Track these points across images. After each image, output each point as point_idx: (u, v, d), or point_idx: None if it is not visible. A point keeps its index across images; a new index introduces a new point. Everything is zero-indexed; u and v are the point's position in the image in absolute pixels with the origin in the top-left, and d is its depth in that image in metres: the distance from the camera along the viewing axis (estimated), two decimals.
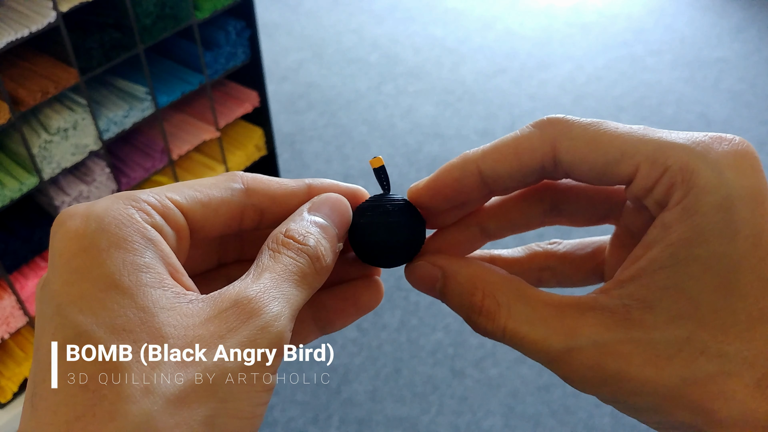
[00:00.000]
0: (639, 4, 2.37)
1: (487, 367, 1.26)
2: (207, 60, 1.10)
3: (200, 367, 0.18)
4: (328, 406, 1.20)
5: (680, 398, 0.20)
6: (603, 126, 0.21)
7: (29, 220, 0.97)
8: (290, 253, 0.21)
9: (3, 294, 0.94)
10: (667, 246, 0.20)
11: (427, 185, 0.25)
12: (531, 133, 0.22)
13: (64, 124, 0.92)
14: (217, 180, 0.23)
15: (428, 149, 1.75)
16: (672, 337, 0.20)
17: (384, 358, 1.28)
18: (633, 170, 0.21)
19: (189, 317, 0.19)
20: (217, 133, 1.17)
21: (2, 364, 1.02)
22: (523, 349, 0.22)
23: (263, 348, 0.19)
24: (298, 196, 0.24)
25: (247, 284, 0.20)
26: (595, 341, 0.21)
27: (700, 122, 1.83)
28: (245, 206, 0.23)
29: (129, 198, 0.20)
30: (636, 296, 0.21)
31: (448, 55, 2.13)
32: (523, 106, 1.91)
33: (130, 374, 0.17)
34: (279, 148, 1.73)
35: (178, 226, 0.21)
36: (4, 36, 0.82)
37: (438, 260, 0.25)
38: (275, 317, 0.19)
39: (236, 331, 0.19)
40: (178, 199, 0.22)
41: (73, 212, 0.20)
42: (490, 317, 0.23)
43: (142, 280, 0.19)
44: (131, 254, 0.19)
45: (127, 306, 0.18)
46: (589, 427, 1.17)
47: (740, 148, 0.20)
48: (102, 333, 0.18)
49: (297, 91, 1.98)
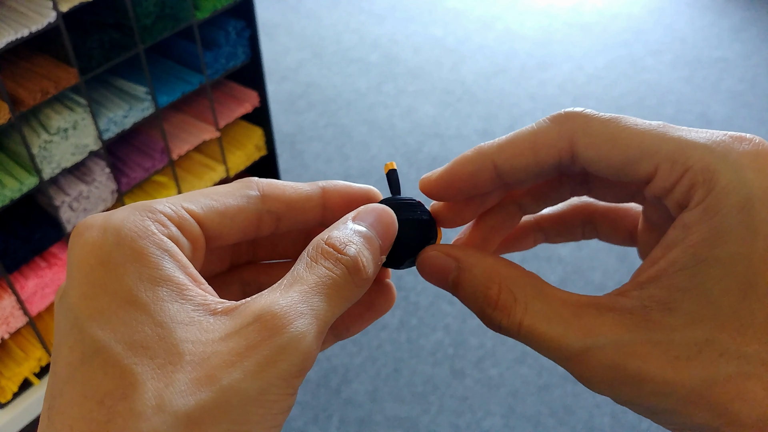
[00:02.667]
0: (639, 4, 2.37)
1: (487, 367, 1.26)
2: (207, 60, 1.10)
3: (215, 386, 0.17)
4: (328, 406, 1.20)
5: (700, 399, 0.20)
6: (622, 122, 0.21)
7: (29, 220, 0.97)
8: (327, 263, 0.20)
9: (3, 294, 0.94)
10: (687, 247, 0.20)
11: (440, 177, 0.24)
12: (548, 127, 0.22)
13: (64, 124, 0.92)
14: (233, 188, 0.23)
15: (428, 149, 1.75)
16: (691, 339, 0.20)
17: (384, 358, 1.28)
18: (653, 170, 0.21)
19: (208, 332, 0.18)
20: (217, 133, 1.17)
21: (2, 364, 1.02)
22: (538, 347, 0.22)
23: (284, 369, 0.18)
24: (313, 199, 0.24)
25: (274, 297, 0.19)
26: (614, 341, 0.21)
27: (699, 122, 1.83)
28: (261, 213, 0.23)
29: (146, 209, 0.20)
30: (656, 298, 0.21)
31: (448, 55, 2.13)
32: (523, 106, 1.91)
33: (144, 391, 0.17)
34: (279, 148, 1.73)
35: (193, 236, 0.21)
36: (4, 36, 0.82)
37: (453, 251, 0.24)
38: (300, 336, 0.18)
39: (256, 350, 0.18)
40: (194, 208, 0.21)
41: (91, 224, 0.20)
42: (505, 312, 0.22)
43: (159, 294, 0.18)
44: (148, 268, 0.19)
45: (144, 322, 0.18)
46: (589, 427, 1.17)
47: (761, 148, 0.20)
48: (119, 349, 0.17)
49: (297, 91, 1.98)
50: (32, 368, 1.03)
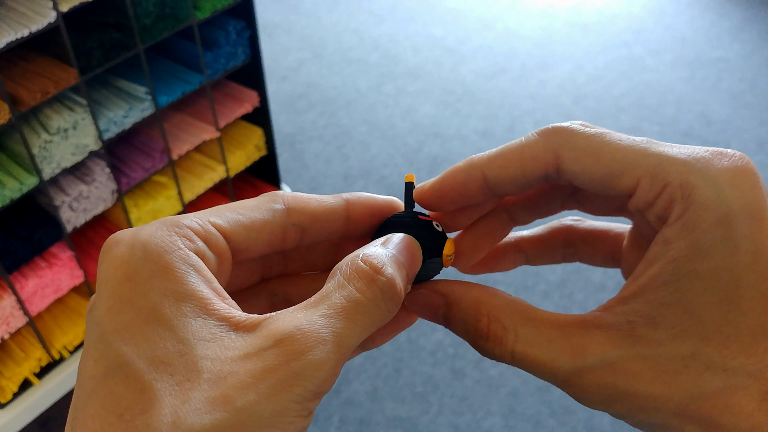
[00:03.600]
0: (639, 4, 2.37)
1: (487, 367, 1.26)
2: (207, 60, 1.10)
3: (230, 406, 0.17)
4: (328, 406, 1.20)
5: (689, 413, 0.20)
6: (606, 137, 0.22)
7: (29, 220, 0.97)
8: (360, 283, 0.20)
9: (3, 294, 0.94)
10: (668, 262, 0.20)
11: (432, 187, 0.25)
12: (535, 141, 0.23)
13: (64, 124, 0.92)
14: (259, 201, 0.23)
15: (428, 149, 1.75)
16: (677, 353, 0.20)
17: (384, 358, 1.28)
18: (634, 184, 0.21)
19: (228, 350, 0.18)
20: (217, 133, 1.17)
21: (2, 364, 1.02)
22: (532, 371, 0.22)
23: (299, 393, 0.18)
24: (337, 212, 0.24)
25: (297, 319, 0.19)
26: (602, 360, 0.21)
27: (700, 122, 1.83)
28: (286, 226, 0.23)
29: (173, 224, 0.21)
30: (640, 313, 0.21)
31: (448, 55, 2.13)
32: (523, 106, 1.91)
33: (161, 407, 0.17)
34: (279, 148, 1.73)
35: (219, 250, 0.21)
36: (4, 36, 0.82)
37: (439, 287, 0.25)
38: (318, 363, 0.18)
39: (272, 373, 0.18)
40: (221, 223, 0.22)
41: (120, 239, 0.20)
42: (497, 342, 0.23)
43: (182, 310, 0.19)
44: (173, 283, 0.19)
45: (167, 338, 0.18)
46: (589, 427, 1.17)
47: (740, 164, 0.20)
48: (142, 364, 0.18)
49: (297, 91, 1.98)
50: (32, 368, 1.03)
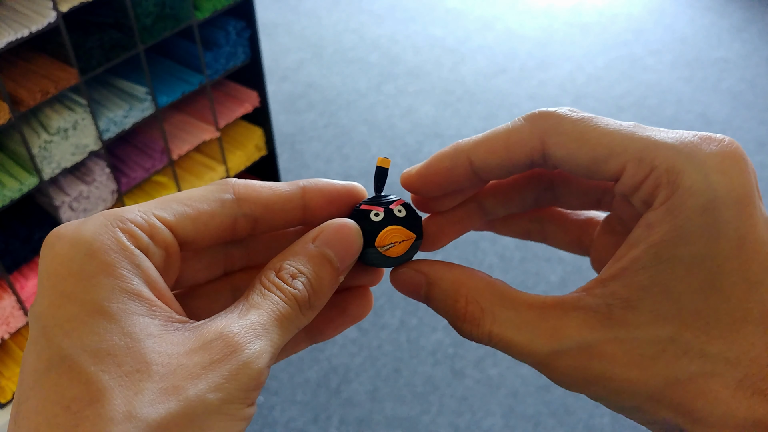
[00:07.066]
0: (639, 4, 2.37)
1: (487, 367, 1.26)
2: (207, 60, 1.10)
3: (182, 396, 0.18)
4: (328, 406, 1.20)
5: (663, 398, 0.20)
6: (593, 122, 0.21)
7: (29, 220, 0.97)
8: (278, 294, 0.21)
9: (3, 294, 0.94)
10: (650, 246, 0.20)
11: (418, 172, 0.25)
12: (522, 126, 0.23)
13: (64, 124, 0.92)
14: (208, 191, 0.23)
15: (428, 149, 1.75)
16: (655, 337, 0.20)
17: (384, 358, 1.28)
18: (620, 168, 0.21)
19: (174, 346, 0.19)
20: (217, 133, 1.17)
21: (2, 364, 1.02)
22: (510, 353, 0.22)
23: (243, 383, 0.19)
24: (292, 200, 0.24)
25: (233, 319, 0.20)
26: (579, 343, 0.21)
27: (700, 122, 1.83)
28: (236, 217, 0.23)
29: (116, 219, 0.20)
30: (619, 295, 0.21)
31: (448, 55, 2.13)
32: (523, 106, 1.91)
33: (112, 398, 0.17)
34: (279, 148, 1.73)
35: (165, 244, 0.21)
36: (4, 36, 0.82)
37: (422, 267, 0.25)
38: (257, 355, 0.19)
39: (219, 364, 0.19)
40: (166, 216, 0.21)
41: (62, 234, 0.20)
42: (474, 323, 0.23)
43: (129, 307, 0.19)
44: (119, 281, 0.19)
45: (113, 331, 0.18)
46: (589, 427, 1.17)
47: (729, 149, 0.20)
48: (86, 357, 0.18)
49: (297, 91, 1.98)
50: None
